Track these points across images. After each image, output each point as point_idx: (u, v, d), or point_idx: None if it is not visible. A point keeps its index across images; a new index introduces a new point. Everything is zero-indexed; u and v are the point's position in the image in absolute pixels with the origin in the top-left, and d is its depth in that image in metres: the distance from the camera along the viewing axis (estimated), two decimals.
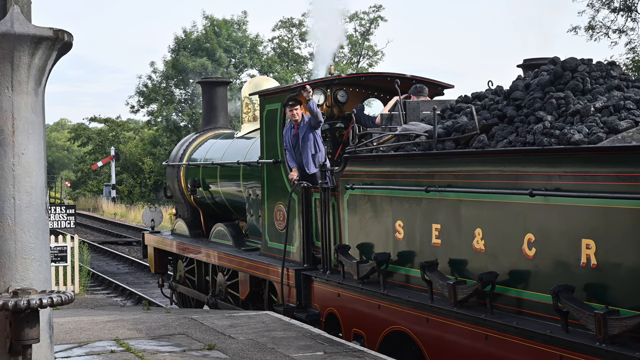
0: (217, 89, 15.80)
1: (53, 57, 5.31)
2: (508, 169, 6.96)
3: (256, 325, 9.62)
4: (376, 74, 11.30)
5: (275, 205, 11.31)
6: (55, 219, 20.39)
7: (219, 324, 9.77)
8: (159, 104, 52.99)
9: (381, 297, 8.64)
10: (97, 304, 17.94)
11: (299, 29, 51.72)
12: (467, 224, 7.50)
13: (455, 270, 7.72)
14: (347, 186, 9.34)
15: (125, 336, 9.10)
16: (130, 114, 55.97)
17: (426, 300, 7.94)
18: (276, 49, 52.51)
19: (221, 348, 8.33)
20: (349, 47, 51.33)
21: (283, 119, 11.15)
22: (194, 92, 51.01)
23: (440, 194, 7.88)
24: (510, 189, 6.91)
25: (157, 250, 15.82)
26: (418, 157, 8.16)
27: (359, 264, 9.03)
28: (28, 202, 5.20)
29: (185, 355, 8.04)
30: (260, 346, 8.40)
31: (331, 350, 8.19)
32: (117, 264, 25.88)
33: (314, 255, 10.52)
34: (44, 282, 5.28)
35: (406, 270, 8.53)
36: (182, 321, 10.03)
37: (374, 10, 50.64)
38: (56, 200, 53.52)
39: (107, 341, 8.81)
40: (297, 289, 10.36)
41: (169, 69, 51.78)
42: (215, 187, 14.18)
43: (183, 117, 51.71)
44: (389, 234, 8.71)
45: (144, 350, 8.22)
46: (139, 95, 54.13)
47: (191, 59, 49.67)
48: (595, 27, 33.52)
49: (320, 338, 8.83)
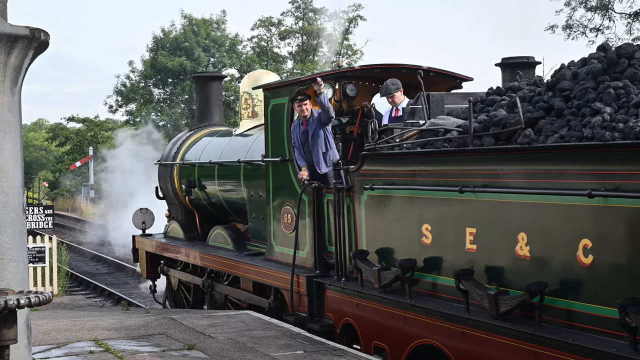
0: (211, 84, 15.00)
1: (30, 56, 5.25)
2: (562, 167, 6.25)
3: (236, 324, 9.61)
4: (392, 66, 10.54)
5: (282, 206, 10.55)
6: (33, 220, 20.17)
7: (198, 323, 9.75)
8: (138, 104, 52.44)
9: (407, 307, 7.92)
10: (76, 305, 17.72)
11: (278, 28, 51.19)
12: (509, 227, 6.79)
13: (494, 278, 7.02)
14: (366, 186, 8.61)
15: (104, 336, 9.08)
16: (109, 113, 55.19)
17: (461, 311, 7.22)
18: (255, 48, 52.12)
19: (201, 348, 8.33)
20: (327, 46, 50.86)
21: (291, 114, 10.39)
22: (172, 91, 50.43)
23: (475, 195, 7.17)
24: (564, 189, 6.20)
25: (149, 254, 15.00)
26: (452, 155, 7.43)
27: (381, 271, 8.30)
28: (5, 202, 5.10)
29: (165, 355, 8.03)
30: (240, 345, 8.39)
31: (311, 349, 8.19)
32: (96, 265, 25.64)
33: (325, 261, 9.78)
34: (22, 283, 5.20)
35: (434, 278, 7.83)
36: (162, 321, 10.00)
37: (353, 9, 50.20)
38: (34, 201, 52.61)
39: (86, 342, 8.77)
40: (309, 297, 9.61)
41: (147, 68, 51.10)
42: (212, 188, 13.40)
43: (162, 117, 50.96)
44: (414, 239, 7.99)
45: (123, 351, 8.22)
46: (117, 95, 53.61)
47: (170, 58, 49.11)
48: (573, 26, 34.01)
49: (300, 337, 8.82)
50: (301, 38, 51.04)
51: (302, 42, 50.77)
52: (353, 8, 50.10)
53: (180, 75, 49.28)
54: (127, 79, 52.43)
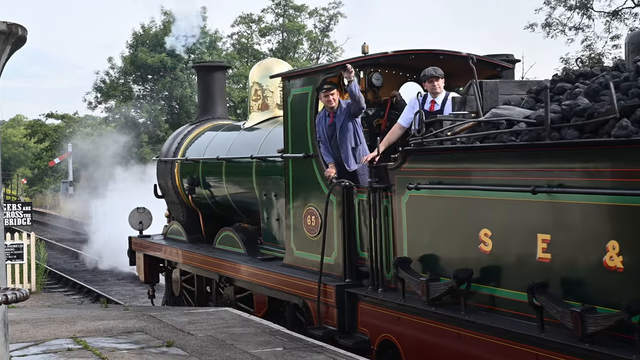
0: (214, 74, 13.95)
1: (7, 51, 5.15)
2: None
3: (215, 321, 9.59)
4: (429, 52, 9.53)
5: (304, 207, 9.53)
6: (11, 216, 20.10)
7: (177, 320, 9.73)
8: (117, 101, 51.80)
9: (463, 324, 6.93)
10: (55, 302, 17.64)
11: (259, 25, 50.56)
12: (596, 235, 5.84)
13: (573, 293, 6.07)
14: (410, 185, 7.62)
15: (83, 334, 9.03)
16: (88, 110, 54.24)
17: (533, 330, 6.25)
18: (235, 45, 51.52)
19: (180, 345, 8.31)
20: (308, 43, 50.21)
21: (315, 105, 9.38)
22: (152, 88, 49.90)
23: (551, 196, 6.20)
24: None
25: (147, 257, 13.92)
26: (526, 150, 6.43)
27: (430, 282, 7.31)
28: None
29: (144, 352, 8.00)
30: (220, 342, 8.37)
31: (290, 346, 8.16)
32: (74, 262, 25.34)
33: (356, 268, 8.78)
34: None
35: (492, 290, 6.88)
36: (141, 318, 9.99)
37: (334, 6, 49.50)
38: (12, 198, 51.74)
39: (64, 339, 8.71)
40: (339, 309, 8.60)
41: (127, 64, 50.49)
42: (218, 186, 12.37)
43: (142, 114, 50.30)
44: (470, 246, 7.01)
45: (101, 348, 8.18)
46: (96, 92, 53.05)
47: (150, 54, 48.51)
48: (552, 25, 33.62)
49: (280, 334, 8.79)
50: (282, 35, 50.35)
51: (283, 39, 50.07)
52: (334, 5, 49.60)
53: (160, 72, 48.92)
54: (106, 76, 52.03)
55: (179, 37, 24.04)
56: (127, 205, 20.46)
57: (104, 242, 23.57)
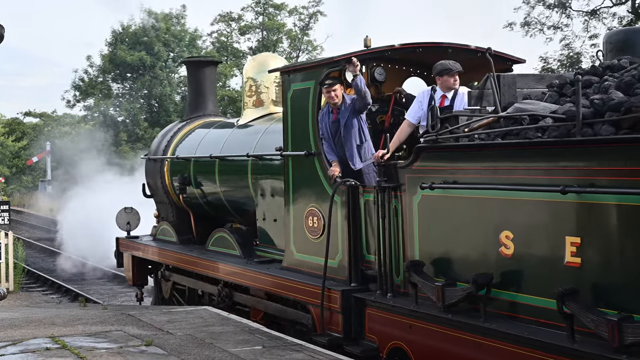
0: (204, 69, 13.49)
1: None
2: None
3: (194, 320, 9.57)
4: (435, 45, 9.10)
5: (306, 208, 9.09)
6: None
7: (157, 319, 9.69)
8: (96, 99, 51.53)
9: (484, 332, 6.52)
10: (33, 302, 17.46)
11: (238, 23, 50.30)
12: (632, 238, 5.44)
13: (605, 300, 5.68)
14: (424, 185, 7.19)
15: (61, 333, 8.96)
16: (66, 108, 53.80)
17: (562, 339, 5.85)
18: (215, 43, 51.33)
19: (159, 344, 8.28)
20: (288, 41, 49.96)
21: (318, 100, 8.94)
22: (132, 86, 49.79)
23: (580, 197, 5.80)
24: None
25: (135, 259, 13.41)
26: (557, 147, 6.02)
27: (446, 287, 6.90)
28: None
29: (123, 351, 7.96)
30: (199, 341, 8.35)
31: (270, 344, 8.15)
32: (53, 261, 25.09)
33: (362, 272, 8.35)
34: None
35: (512, 296, 6.48)
36: (120, 317, 9.98)
37: (314, 5, 49.22)
38: None
39: (43, 338, 8.66)
40: (344, 314, 8.17)
41: (106, 62, 50.19)
42: (211, 185, 11.90)
43: (121, 112, 50.20)
44: (489, 249, 6.61)
45: (80, 347, 8.12)
46: (75, 90, 52.68)
47: (129, 52, 48.31)
48: (531, 24, 34.40)
49: (259, 332, 8.80)
50: (261, 33, 50.07)
51: (263, 38, 49.78)
52: (313, 4, 49.36)
53: (140, 70, 48.73)
54: (85, 74, 51.77)
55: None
56: (100, 203, 20.23)
57: (80, 240, 23.41)
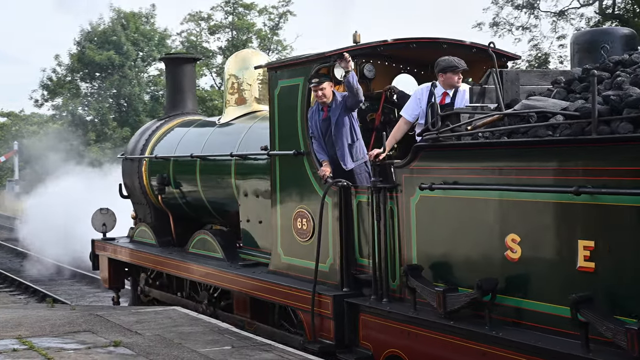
0: (183, 67, 13.10)
1: None
2: None
3: (163, 320, 9.57)
4: (430, 40, 8.79)
5: (294, 209, 8.72)
6: None
7: (125, 320, 9.69)
8: (64, 98, 51.27)
9: (490, 340, 6.20)
10: (0, 302, 17.31)
11: (208, 22, 50.06)
12: None
13: (621, 307, 5.39)
14: (424, 185, 6.86)
15: (28, 334, 8.94)
16: (34, 107, 53.21)
17: (577, 349, 5.55)
18: (184, 43, 51.10)
19: (127, 344, 8.28)
20: (257, 41, 49.77)
21: (308, 97, 8.58)
22: (100, 85, 49.76)
23: (594, 198, 5.50)
24: None
25: (112, 262, 12.97)
26: (569, 146, 5.71)
27: (447, 292, 6.57)
28: None
29: (91, 352, 7.95)
30: (167, 341, 8.37)
31: (239, 344, 8.17)
32: (20, 261, 24.76)
33: (354, 276, 8.01)
34: None
35: (518, 302, 6.17)
36: (88, 318, 9.93)
37: (283, 4, 49.00)
38: None
39: (9, 339, 8.61)
40: (337, 321, 7.82)
41: (74, 62, 50.07)
42: (191, 185, 11.51)
43: (89, 112, 50.02)
44: (493, 253, 6.30)
45: (47, 348, 8.12)
46: (43, 89, 52.27)
47: (98, 52, 48.25)
48: (500, 24, 34.41)
49: (228, 332, 8.80)
50: (231, 33, 49.85)
51: (232, 37, 49.52)
52: (283, 4, 49.19)
53: (109, 69, 48.63)
54: (53, 73, 51.51)
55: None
56: (67, 203, 19.82)
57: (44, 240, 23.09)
